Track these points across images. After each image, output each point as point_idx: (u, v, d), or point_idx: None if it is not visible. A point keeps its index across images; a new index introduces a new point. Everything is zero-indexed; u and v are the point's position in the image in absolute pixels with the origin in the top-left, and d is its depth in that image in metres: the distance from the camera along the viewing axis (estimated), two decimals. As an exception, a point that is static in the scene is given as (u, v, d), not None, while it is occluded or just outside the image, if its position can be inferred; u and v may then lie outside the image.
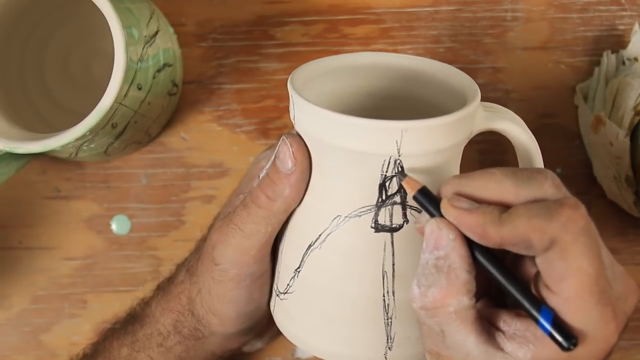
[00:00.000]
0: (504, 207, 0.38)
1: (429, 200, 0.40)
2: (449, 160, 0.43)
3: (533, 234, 0.36)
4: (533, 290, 0.39)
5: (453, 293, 0.38)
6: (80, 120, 0.48)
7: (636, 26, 0.59)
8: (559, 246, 0.36)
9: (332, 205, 0.43)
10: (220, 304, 0.49)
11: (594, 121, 0.56)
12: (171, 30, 0.58)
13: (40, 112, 0.59)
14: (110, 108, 0.48)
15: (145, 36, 0.52)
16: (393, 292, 0.43)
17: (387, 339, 0.44)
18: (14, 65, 0.58)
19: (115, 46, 0.47)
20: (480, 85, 0.45)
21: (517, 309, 0.39)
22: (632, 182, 0.56)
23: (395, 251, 0.43)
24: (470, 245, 0.39)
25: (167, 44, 0.55)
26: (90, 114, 0.47)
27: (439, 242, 0.39)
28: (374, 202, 0.42)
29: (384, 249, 0.43)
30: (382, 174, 0.42)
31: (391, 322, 0.44)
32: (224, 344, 0.52)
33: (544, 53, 0.60)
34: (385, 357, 0.44)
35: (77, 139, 0.48)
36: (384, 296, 0.43)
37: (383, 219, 0.43)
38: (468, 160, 0.45)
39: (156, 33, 0.54)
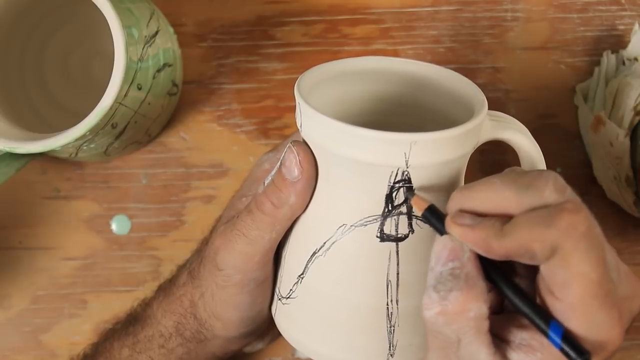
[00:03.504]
0: (507, 218, 0.37)
1: (437, 218, 0.40)
2: (455, 170, 0.43)
3: (534, 243, 0.36)
4: (537, 297, 0.38)
5: (474, 297, 0.37)
6: (80, 120, 0.48)
7: (636, 26, 0.59)
8: (560, 254, 0.36)
9: (337, 214, 0.43)
10: (223, 308, 0.49)
11: (594, 121, 0.56)
12: (171, 30, 0.58)
13: (40, 112, 0.59)
14: (110, 108, 0.48)
15: (145, 36, 0.52)
16: (397, 301, 0.43)
17: (390, 347, 0.44)
18: (14, 65, 0.57)
19: (115, 46, 0.47)
20: (480, 85, 0.45)
21: (521, 318, 0.39)
22: (632, 182, 0.56)
23: (400, 260, 0.43)
24: (479, 259, 0.39)
25: (167, 44, 0.55)
26: (90, 114, 0.47)
27: (454, 254, 0.38)
28: (380, 212, 0.42)
29: (389, 258, 0.43)
30: (389, 185, 0.42)
31: (394, 329, 0.44)
32: (225, 346, 0.52)
33: (544, 53, 0.60)
34: None
35: (77, 139, 0.48)
36: (387, 304, 0.43)
37: (389, 228, 0.43)
38: (469, 161, 0.45)
39: (156, 33, 0.54)
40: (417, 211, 0.41)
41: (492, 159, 0.59)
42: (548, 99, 0.60)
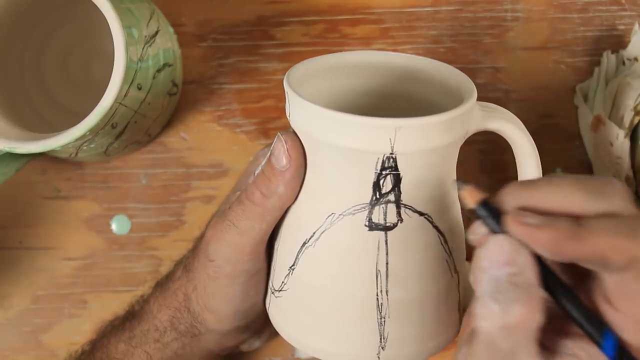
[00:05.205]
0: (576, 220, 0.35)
1: (492, 214, 0.37)
2: (444, 159, 0.43)
3: (612, 252, 0.35)
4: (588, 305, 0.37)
5: (536, 309, 0.35)
6: (80, 120, 0.48)
7: (636, 26, 0.59)
8: (638, 267, 0.35)
9: (326, 203, 0.43)
10: (215, 300, 0.49)
11: (594, 121, 0.56)
12: (171, 30, 0.58)
13: (40, 112, 0.59)
14: (110, 108, 0.48)
15: (145, 36, 0.52)
16: (387, 292, 0.43)
17: (380, 339, 0.44)
18: (14, 65, 0.58)
19: (115, 46, 0.47)
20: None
21: (566, 325, 0.38)
22: (632, 182, 0.56)
23: (389, 250, 0.43)
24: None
25: (167, 44, 0.55)
26: (90, 114, 0.47)
27: (512, 259, 0.36)
28: (368, 200, 0.42)
29: (378, 248, 0.43)
30: (376, 172, 0.41)
31: (384, 321, 0.43)
32: (220, 341, 0.52)
33: (544, 53, 0.60)
34: (379, 357, 0.44)
35: (77, 139, 0.48)
36: (377, 295, 0.43)
37: (377, 217, 0.42)
38: (468, 160, 0.45)
39: (156, 33, 0.54)
40: (469, 204, 0.38)
41: (492, 159, 0.59)
42: (548, 99, 0.60)
